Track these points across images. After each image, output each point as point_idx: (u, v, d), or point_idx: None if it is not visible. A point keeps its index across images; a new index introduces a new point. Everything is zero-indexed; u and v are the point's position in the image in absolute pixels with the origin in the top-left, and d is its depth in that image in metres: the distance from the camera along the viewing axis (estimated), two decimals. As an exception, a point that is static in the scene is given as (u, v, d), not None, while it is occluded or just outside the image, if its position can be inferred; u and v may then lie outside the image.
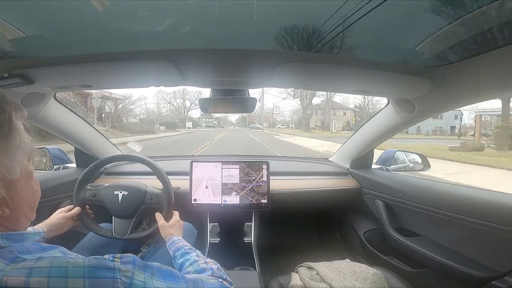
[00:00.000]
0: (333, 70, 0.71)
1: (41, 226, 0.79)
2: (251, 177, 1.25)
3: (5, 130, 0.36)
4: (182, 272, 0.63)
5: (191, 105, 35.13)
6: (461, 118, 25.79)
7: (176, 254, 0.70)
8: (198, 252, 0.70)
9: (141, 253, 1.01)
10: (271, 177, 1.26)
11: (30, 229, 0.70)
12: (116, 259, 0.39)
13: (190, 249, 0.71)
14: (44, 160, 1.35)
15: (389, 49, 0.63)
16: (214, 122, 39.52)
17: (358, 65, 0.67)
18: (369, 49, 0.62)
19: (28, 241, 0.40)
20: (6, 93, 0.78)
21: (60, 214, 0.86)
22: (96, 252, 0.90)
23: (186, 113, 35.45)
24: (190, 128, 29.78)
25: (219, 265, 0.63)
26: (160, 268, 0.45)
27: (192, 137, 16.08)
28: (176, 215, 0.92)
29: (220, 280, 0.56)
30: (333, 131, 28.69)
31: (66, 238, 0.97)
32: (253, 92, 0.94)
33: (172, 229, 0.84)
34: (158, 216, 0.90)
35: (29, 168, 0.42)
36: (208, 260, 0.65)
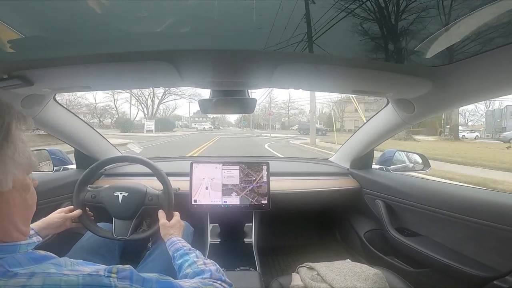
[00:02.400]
0: (333, 70, 0.71)
1: (38, 224, 0.79)
2: (251, 177, 1.25)
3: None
4: (180, 273, 0.63)
5: (164, 94, 22.58)
6: None
7: (175, 254, 0.70)
8: (198, 252, 0.70)
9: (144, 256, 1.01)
10: (271, 178, 1.26)
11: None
12: (113, 275, 0.37)
13: (190, 249, 0.71)
14: (44, 162, 1.35)
15: (388, 49, 0.63)
16: (209, 122, 34.29)
17: (357, 65, 0.67)
18: (369, 49, 0.62)
19: (20, 252, 0.38)
20: (6, 94, 0.79)
21: (59, 214, 0.86)
22: (96, 252, 0.90)
23: (152, 108, 22.86)
24: (152, 132, 18.19)
25: (218, 266, 0.63)
26: (159, 279, 0.44)
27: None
28: (177, 215, 0.92)
29: (219, 282, 0.56)
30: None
31: (64, 239, 0.97)
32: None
33: (172, 229, 0.84)
34: (161, 214, 0.90)
35: (25, 181, 0.40)
36: (207, 261, 0.64)
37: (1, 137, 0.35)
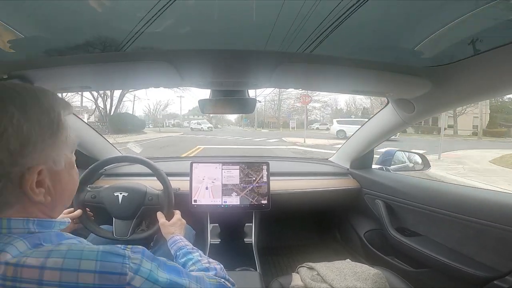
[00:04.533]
0: (333, 70, 0.71)
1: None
2: (251, 177, 1.25)
3: (54, 128, 0.39)
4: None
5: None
6: None
7: (178, 253, 0.70)
8: (201, 252, 0.70)
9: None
10: (271, 178, 1.26)
11: None
12: (127, 248, 0.41)
13: (193, 249, 0.71)
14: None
15: (388, 49, 0.63)
16: (205, 120, 32.75)
17: (358, 65, 0.67)
18: (369, 49, 0.62)
19: (55, 229, 0.42)
20: None
21: (59, 215, 0.86)
22: None
23: (111, 100, 16.77)
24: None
25: (222, 265, 0.63)
26: (166, 263, 0.47)
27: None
28: (177, 214, 0.92)
29: (223, 280, 0.56)
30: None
31: None
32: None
33: (173, 228, 0.84)
34: (160, 215, 0.90)
35: (72, 159, 0.46)
36: (211, 260, 0.64)
37: (56, 126, 0.40)
